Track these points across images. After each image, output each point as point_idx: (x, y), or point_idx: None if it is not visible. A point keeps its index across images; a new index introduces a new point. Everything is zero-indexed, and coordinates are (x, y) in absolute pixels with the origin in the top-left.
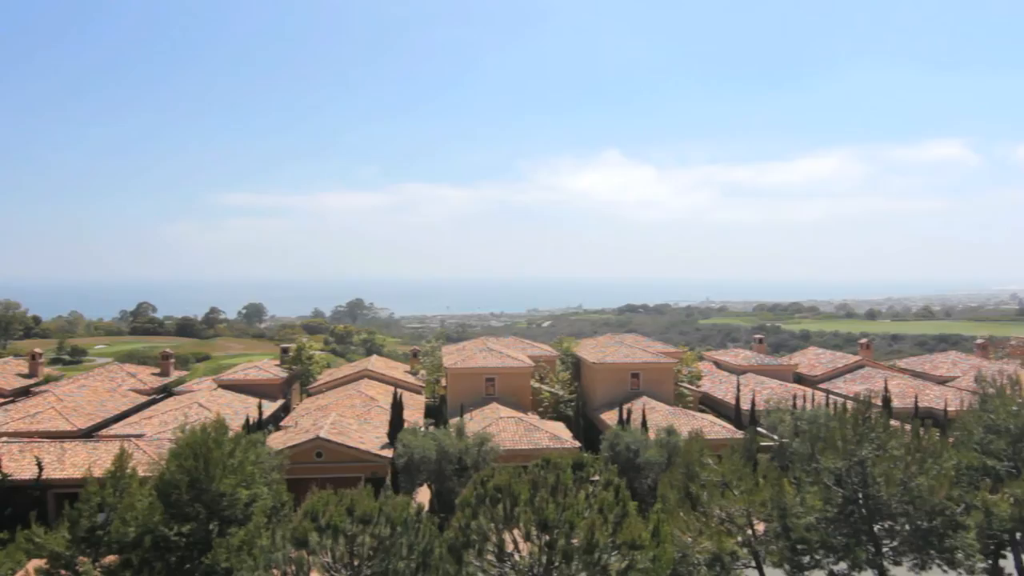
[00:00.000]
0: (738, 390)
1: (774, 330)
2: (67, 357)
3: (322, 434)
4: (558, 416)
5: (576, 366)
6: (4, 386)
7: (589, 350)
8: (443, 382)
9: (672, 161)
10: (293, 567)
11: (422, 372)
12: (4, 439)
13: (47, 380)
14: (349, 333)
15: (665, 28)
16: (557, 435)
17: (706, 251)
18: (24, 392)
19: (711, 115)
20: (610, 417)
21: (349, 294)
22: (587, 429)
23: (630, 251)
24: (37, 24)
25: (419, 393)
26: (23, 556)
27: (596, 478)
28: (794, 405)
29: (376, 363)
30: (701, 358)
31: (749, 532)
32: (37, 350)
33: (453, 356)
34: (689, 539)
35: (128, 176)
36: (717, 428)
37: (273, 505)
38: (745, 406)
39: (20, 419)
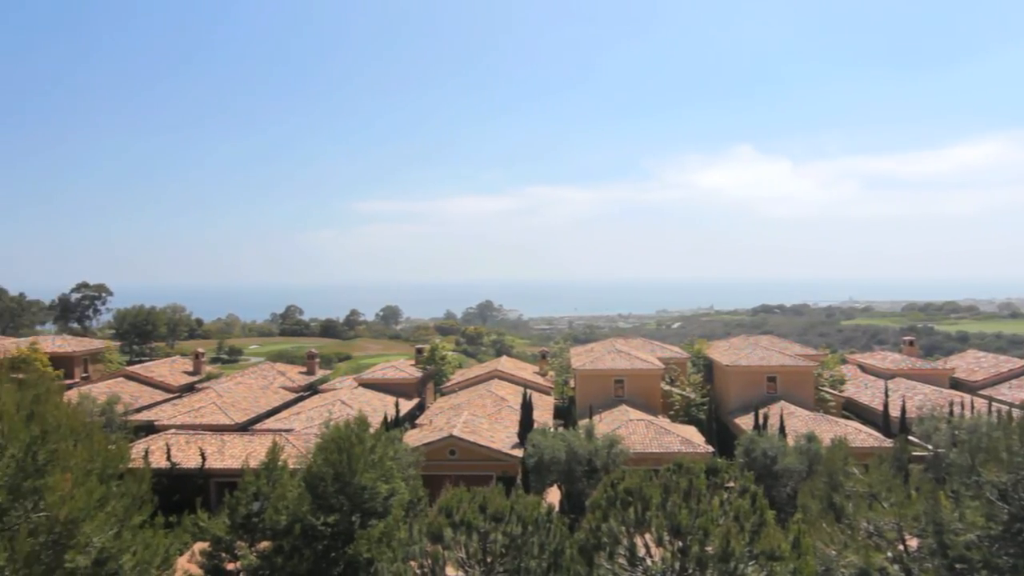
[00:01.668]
0: (886, 395)
1: (926, 331)
2: (225, 356)
3: (455, 432)
4: (689, 420)
5: (708, 368)
6: (172, 383)
7: (722, 352)
8: (571, 383)
9: (809, 153)
10: (429, 561)
11: (551, 373)
12: (173, 431)
13: (208, 378)
14: (479, 334)
15: (797, 10)
16: (689, 439)
17: (847, 248)
18: (189, 388)
19: (851, 102)
20: (745, 422)
21: (479, 296)
22: (720, 434)
23: (764, 249)
24: (188, 48)
25: (548, 394)
26: (189, 538)
27: (731, 484)
28: (951, 412)
29: (506, 364)
30: (844, 361)
31: (900, 548)
32: (200, 350)
33: (581, 357)
34: (833, 552)
35: (275, 188)
36: (863, 436)
37: (410, 500)
38: (894, 413)
39: (186, 413)
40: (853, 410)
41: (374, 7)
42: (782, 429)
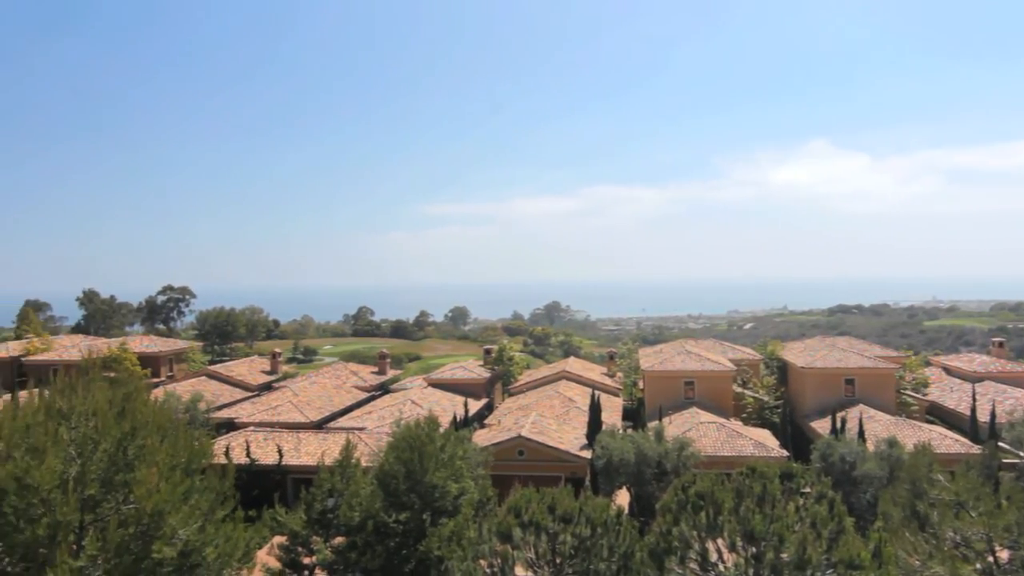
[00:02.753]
0: (974, 399)
1: (1018, 332)
2: (301, 356)
3: (523, 433)
4: (762, 423)
5: (782, 370)
6: (251, 382)
7: (796, 353)
8: (640, 384)
9: (888, 147)
10: (499, 560)
11: (619, 374)
12: (252, 428)
13: (285, 377)
14: (547, 335)
15: None
16: (762, 443)
17: (930, 245)
18: (267, 387)
19: (934, 94)
20: (821, 426)
21: (546, 297)
22: (795, 438)
23: (840, 248)
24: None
25: (616, 395)
26: (268, 532)
27: (807, 490)
28: None
29: (573, 364)
30: (927, 363)
31: (990, 559)
32: (277, 350)
33: (650, 358)
34: (917, 563)
35: (344, 192)
36: (948, 441)
37: (479, 499)
38: (983, 418)
39: (264, 411)
40: (938, 415)
41: (437, 7)
42: (861, 433)
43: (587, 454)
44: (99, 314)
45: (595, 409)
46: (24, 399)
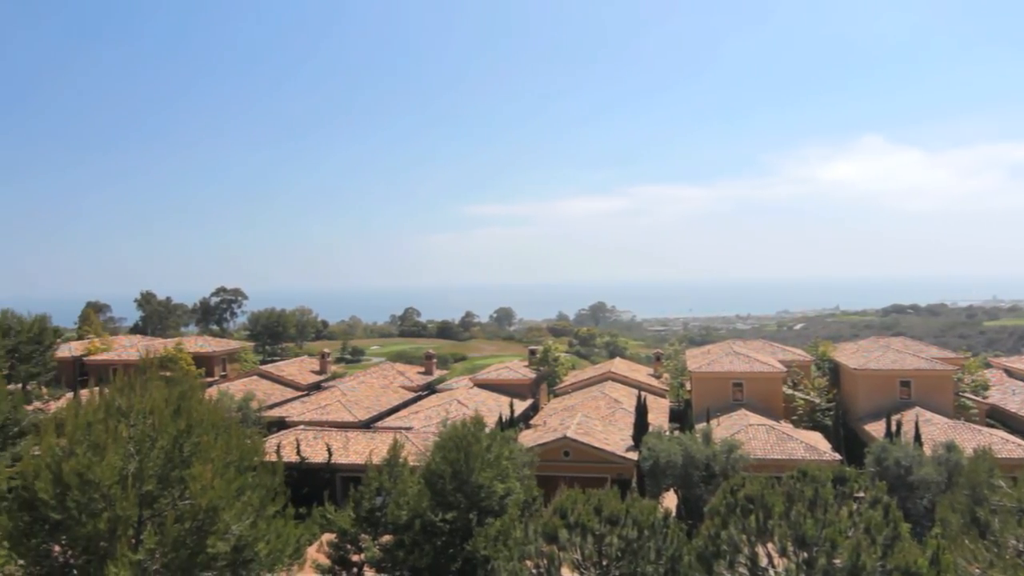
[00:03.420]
0: None
1: None
2: (349, 356)
3: (569, 434)
4: (814, 425)
5: (834, 372)
6: (301, 381)
7: (849, 355)
8: (687, 386)
9: (944, 142)
10: (545, 561)
11: (665, 375)
12: (302, 427)
13: (333, 377)
14: (592, 335)
15: None
16: (814, 446)
17: (990, 242)
18: (316, 387)
19: (995, 85)
20: (875, 429)
21: (591, 297)
22: (848, 441)
23: (894, 246)
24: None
25: (663, 396)
26: (318, 529)
27: (860, 495)
28: None
29: (619, 365)
30: (988, 365)
31: None
32: (325, 350)
33: (697, 359)
34: (977, 571)
35: (389, 194)
36: (1010, 446)
37: (525, 500)
38: None
39: (313, 410)
40: (998, 418)
41: (478, 7)
42: (917, 437)
43: (633, 455)
44: (156, 315)
45: (641, 410)
46: (86, 397)
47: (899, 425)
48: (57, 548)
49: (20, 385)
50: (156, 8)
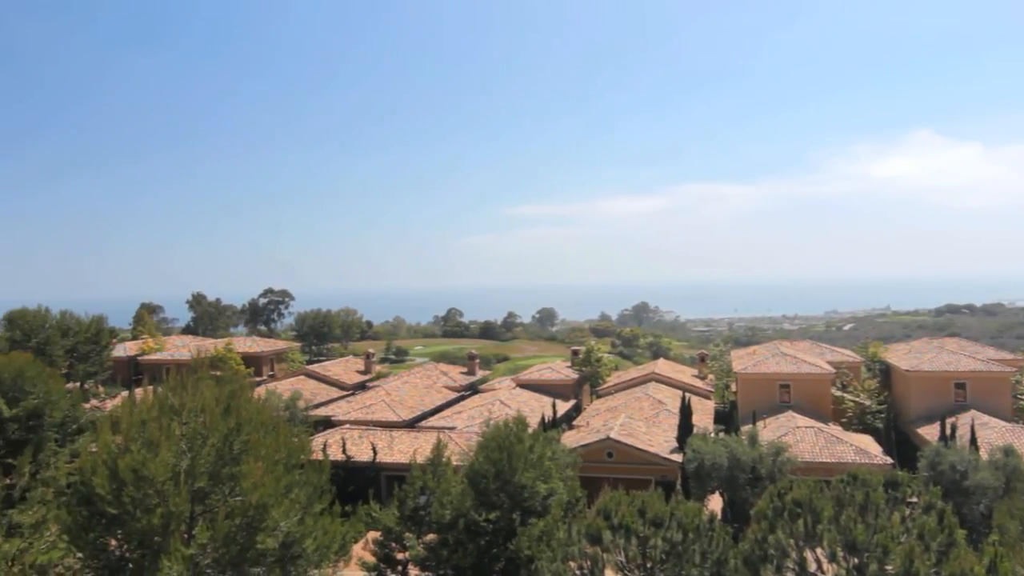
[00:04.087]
0: None
1: None
2: (393, 356)
3: (612, 435)
4: (864, 428)
5: (885, 373)
6: (346, 381)
7: (901, 356)
8: (733, 387)
9: (1004, 136)
10: (588, 562)
11: (710, 376)
12: (347, 426)
13: (378, 376)
14: (635, 336)
15: None
16: (864, 449)
17: None
18: (361, 386)
19: None
20: (928, 432)
21: (634, 297)
22: (900, 444)
23: (948, 244)
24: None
25: (707, 398)
26: (363, 527)
27: (913, 500)
28: None
29: (663, 366)
30: None
31: None
32: (370, 350)
33: (743, 360)
34: None
35: (431, 196)
36: None
37: (568, 500)
38: None
39: (358, 409)
40: None
41: (518, 6)
42: (973, 441)
43: (677, 457)
44: (206, 316)
45: (685, 412)
46: (140, 396)
47: (954, 428)
48: (113, 542)
49: (79, 383)
50: (203, 16)
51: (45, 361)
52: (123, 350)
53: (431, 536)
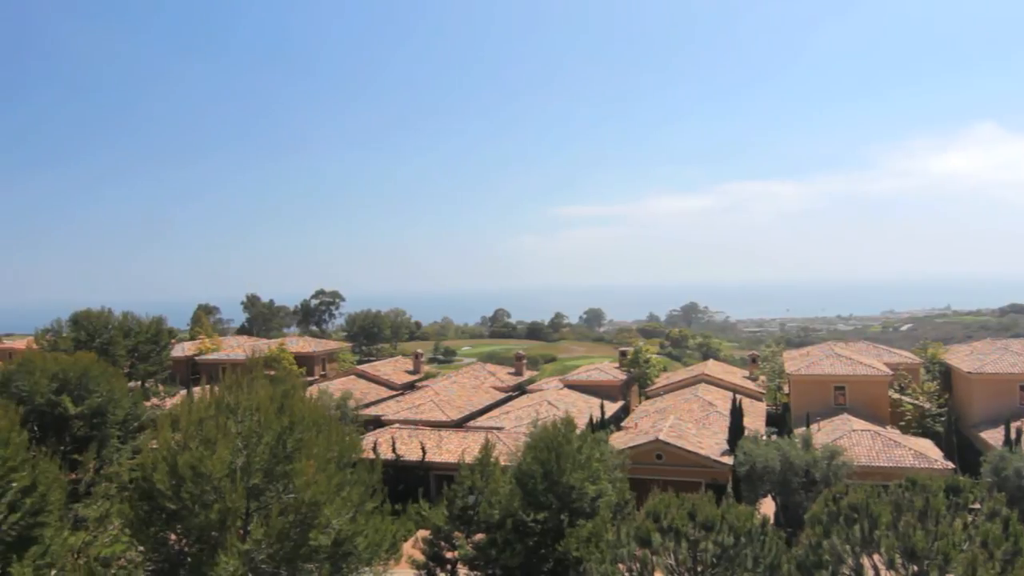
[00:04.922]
0: None
1: None
2: (441, 357)
3: (661, 436)
4: (923, 432)
5: (945, 375)
6: (396, 381)
7: (962, 357)
8: (785, 389)
9: None
10: (638, 564)
11: (761, 378)
12: (397, 425)
13: (427, 376)
14: (684, 337)
15: None
16: (923, 453)
17: None
18: (410, 386)
19: None
20: (992, 436)
21: (682, 298)
22: (961, 449)
23: (1012, 241)
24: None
25: (759, 400)
26: (413, 526)
27: (976, 506)
28: None
29: (712, 367)
30: None
31: None
32: (419, 351)
33: (796, 361)
34: None
35: (484, 197)
36: None
37: (617, 502)
38: None
39: (407, 409)
40: None
41: (566, 6)
42: None
43: (728, 460)
44: (260, 317)
45: (736, 413)
46: (198, 395)
47: (1019, 433)
48: (173, 536)
49: (139, 382)
50: (250, 25)
51: (108, 361)
52: (181, 350)
53: (480, 536)
